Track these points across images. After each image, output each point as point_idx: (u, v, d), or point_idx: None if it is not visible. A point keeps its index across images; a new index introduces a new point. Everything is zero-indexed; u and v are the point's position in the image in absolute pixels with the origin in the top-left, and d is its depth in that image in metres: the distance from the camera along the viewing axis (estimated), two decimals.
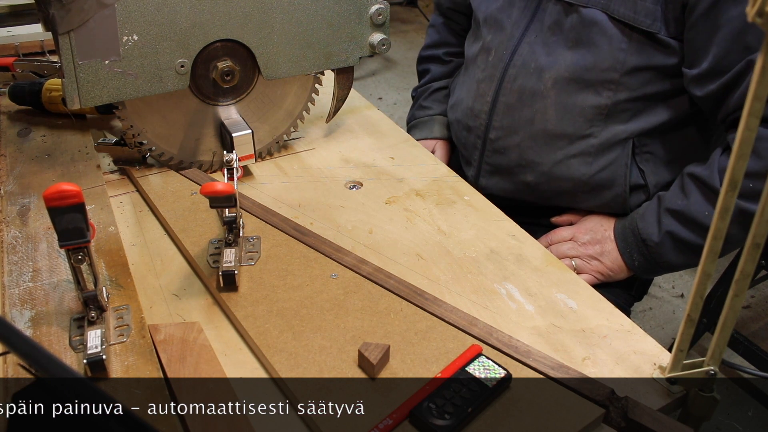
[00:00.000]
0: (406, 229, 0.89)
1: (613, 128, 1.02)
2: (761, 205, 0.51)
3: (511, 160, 1.10)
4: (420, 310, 0.73)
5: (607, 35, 0.96)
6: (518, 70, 1.06)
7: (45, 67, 1.17)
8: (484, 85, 1.11)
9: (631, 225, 1.03)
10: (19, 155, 1.03)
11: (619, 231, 1.05)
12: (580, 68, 1.00)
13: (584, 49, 0.99)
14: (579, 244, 1.06)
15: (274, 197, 0.95)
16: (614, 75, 0.98)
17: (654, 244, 0.99)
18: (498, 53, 1.09)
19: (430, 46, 1.38)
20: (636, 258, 1.02)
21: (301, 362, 0.66)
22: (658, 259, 1.00)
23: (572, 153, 1.05)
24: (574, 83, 1.01)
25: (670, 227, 0.97)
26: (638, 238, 1.01)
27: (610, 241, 1.05)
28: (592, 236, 1.07)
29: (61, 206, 0.60)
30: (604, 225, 1.08)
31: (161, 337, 0.70)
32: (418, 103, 1.35)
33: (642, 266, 1.02)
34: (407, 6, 4.31)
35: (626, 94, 0.99)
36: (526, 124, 1.07)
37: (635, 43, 0.95)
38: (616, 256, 1.04)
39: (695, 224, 0.95)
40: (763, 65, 0.46)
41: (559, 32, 1.01)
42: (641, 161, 1.05)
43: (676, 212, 0.97)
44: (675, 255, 0.99)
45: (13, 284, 0.76)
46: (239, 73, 0.95)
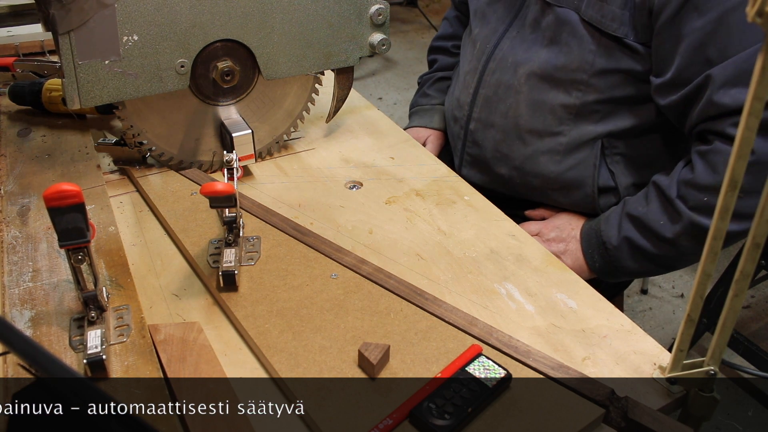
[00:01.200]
0: (406, 229, 0.89)
1: (582, 128, 1.03)
2: (761, 205, 0.51)
3: (488, 152, 1.12)
4: (420, 310, 0.73)
5: (577, 36, 0.97)
6: (497, 64, 1.08)
7: (45, 67, 1.17)
8: (469, 76, 1.14)
9: (595, 226, 1.03)
10: (19, 155, 1.03)
11: (585, 232, 1.05)
12: (551, 66, 1.01)
13: (557, 48, 1.00)
14: (543, 240, 1.06)
15: (274, 197, 0.95)
16: (583, 76, 0.98)
17: (612, 247, 0.99)
18: (482, 46, 1.11)
19: (441, 37, 1.41)
20: (597, 260, 1.02)
21: (301, 362, 0.66)
22: (616, 263, 1.00)
23: (542, 149, 1.06)
24: (546, 81, 1.02)
25: (628, 232, 0.97)
26: (599, 240, 1.01)
27: (575, 241, 1.05)
28: (558, 234, 1.07)
29: (61, 206, 0.60)
30: (573, 224, 1.07)
31: (161, 337, 0.70)
32: (422, 90, 1.38)
33: (601, 268, 1.02)
34: (407, 6, 4.31)
35: (595, 96, 1.00)
36: (501, 117, 1.08)
37: (603, 46, 0.96)
38: (578, 256, 1.03)
39: (651, 232, 0.95)
40: (763, 65, 0.46)
41: (538, 30, 1.03)
42: (611, 162, 1.05)
43: (635, 218, 0.96)
44: (631, 260, 0.98)
45: (13, 284, 0.76)
46: (239, 73, 0.95)
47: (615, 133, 1.03)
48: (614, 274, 1.02)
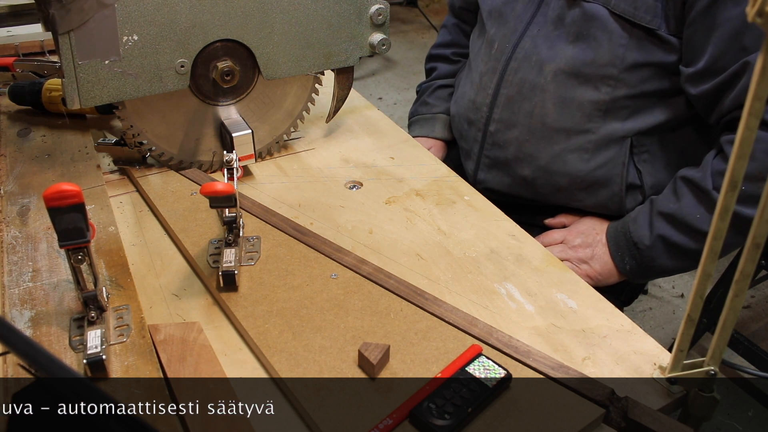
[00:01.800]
0: (406, 229, 0.89)
1: (612, 125, 1.02)
2: (761, 205, 0.51)
3: (510, 153, 1.10)
4: (420, 310, 0.73)
5: (607, 30, 0.96)
6: (520, 63, 1.06)
7: (45, 67, 1.17)
8: (486, 77, 1.12)
9: (623, 228, 1.02)
10: (19, 155, 1.03)
11: (611, 235, 1.04)
12: (579, 63, 1.00)
13: (584, 44, 0.99)
14: (569, 247, 1.06)
15: (274, 197, 0.95)
16: (613, 71, 0.98)
17: (645, 247, 0.98)
18: (500, 46, 1.10)
19: (440, 45, 1.40)
20: (627, 262, 1.01)
21: (301, 362, 0.66)
22: (650, 262, 0.99)
23: (570, 148, 1.05)
24: (573, 77, 1.01)
25: (661, 230, 0.97)
26: (630, 241, 1.00)
27: (601, 245, 1.04)
28: (584, 239, 1.06)
29: (61, 206, 0.60)
30: (597, 229, 1.07)
31: (161, 337, 0.70)
32: (422, 99, 1.37)
33: (633, 270, 1.01)
34: (407, 6, 4.31)
35: (625, 91, 0.99)
36: (526, 117, 1.07)
37: (635, 39, 0.96)
38: (607, 260, 1.03)
39: (687, 227, 0.95)
40: (763, 65, 0.46)
41: (561, 26, 1.02)
42: (639, 161, 1.05)
43: (668, 215, 0.96)
44: (667, 258, 0.98)
45: (13, 284, 0.76)
46: (239, 73, 0.95)
47: (644, 131, 1.02)
48: (647, 275, 1.02)
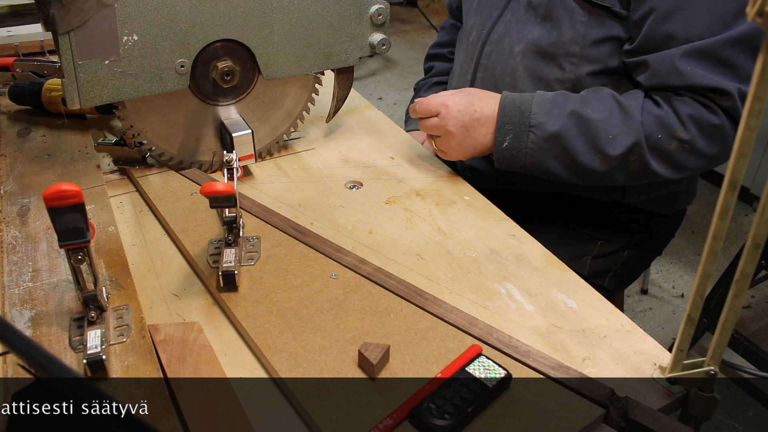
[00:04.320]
0: (406, 229, 0.89)
1: None
2: (761, 205, 0.51)
3: None
4: (420, 310, 0.73)
5: (568, 9, 0.99)
6: (493, 47, 1.09)
7: (45, 67, 1.17)
8: (465, 64, 1.15)
9: (523, 105, 0.96)
10: (19, 155, 1.03)
11: (506, 104, 0.97)
12: (545, 42, 1.02)
13: (550, 24, 1.02)
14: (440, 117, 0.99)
15: (274, 197, 0.95)
16: (576, 48, 1.00)
17: (542, 136, 0.94)
18: (477, 33, 1.13)
19: (437, 44, 1.43)
20: (507, 141, 0.95)
21: (301, 362, 0.66)
22: (533, 154, 0.95)
23: None
24: (540, 57, 1.04)
25: (566, 131, 0.93)
26: (526, 122, 0.95)
27: (483, 116, 0.98)
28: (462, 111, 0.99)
29: (61, 206, 0.60)
30: (475, 105, 0.99)
31: (161, 337, 0.70)
32: (418, 95, 1.39)
33: (505, 154, 0.96)
34: (407, 6, 4.31)
35: (588, 68, 1.01)
36: None
37: (595, 16, 0.98)
38: (487, 132, 0.98)
39: (594, 142, 0.92)
40: (763, 65, 0.46)
41: (531, 10, 1.05)
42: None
43: (584, 120, 0.93)
44: (553, 160, 0.95)
45: (13, 284, 0.76)
46: (239, 73, 0.95)
47: None
48: (513, 164, 0.97)
